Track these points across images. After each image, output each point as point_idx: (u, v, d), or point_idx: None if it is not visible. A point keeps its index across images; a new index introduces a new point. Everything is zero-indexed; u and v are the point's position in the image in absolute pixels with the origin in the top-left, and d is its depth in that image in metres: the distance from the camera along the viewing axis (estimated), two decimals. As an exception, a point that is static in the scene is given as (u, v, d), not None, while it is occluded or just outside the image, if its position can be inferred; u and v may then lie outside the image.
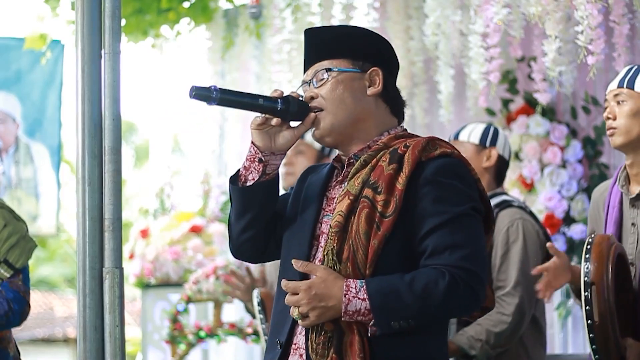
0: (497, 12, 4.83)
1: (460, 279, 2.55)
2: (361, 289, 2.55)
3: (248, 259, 2.96)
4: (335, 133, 2.75)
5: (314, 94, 2.76)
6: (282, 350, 2.68)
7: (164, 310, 6.57)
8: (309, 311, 2.57)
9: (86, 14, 2.73)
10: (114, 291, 2.68)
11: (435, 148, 2.69)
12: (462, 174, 2.67)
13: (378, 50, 2.83)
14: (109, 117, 2.72)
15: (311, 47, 2.81)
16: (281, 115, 2.71)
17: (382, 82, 2.78)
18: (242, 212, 2.77)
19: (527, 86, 5.71)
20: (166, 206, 7.05)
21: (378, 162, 2.68)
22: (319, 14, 6.02)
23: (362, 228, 2.59)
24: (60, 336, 18.82)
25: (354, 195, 2.63)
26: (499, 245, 3.98)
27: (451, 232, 2.58)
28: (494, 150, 4.13)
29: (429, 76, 5.91)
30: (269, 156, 2.75)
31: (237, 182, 2.77)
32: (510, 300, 3.95)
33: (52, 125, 7.31)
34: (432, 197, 2.60)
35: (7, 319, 3.73)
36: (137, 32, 6.44)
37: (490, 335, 3.93)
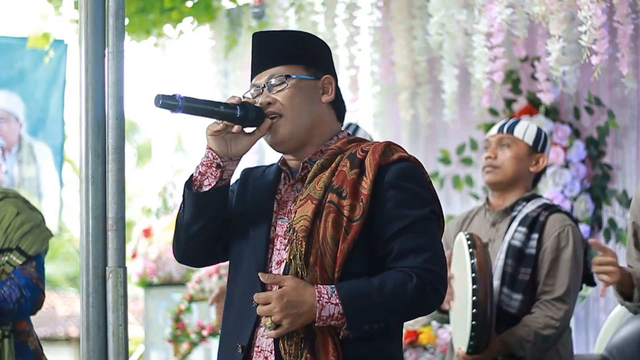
0: (501, 12, 4.83)
1: (427, 280, 2.62)
2: (332, 294, 2.59)
3: (193, 264, 2.98)
4: (293, 140, 2.77)
5: (271, 100, 2.76)
6: (244, 353, 2.69)
7: (166, 309, 6.58)
8: (282, 319, 2.59)
9: (90, 12, 2.73)
10: (117, 290, 2.68)
11: (392, 152, 2.73)
12: (419, 177, 2.73)
13: (328, 58, 2.87)
14: (113, 116, 2.71)
15: (264, 51, 2.81)
16: (239, 121, 2.72)
17: (334, 89, 2.82)
18: (196, 218, 2.77)
19: (531, 86, 5.70)
20: (169, 205, 7.05)
21: (337, 166, 2.72)
22: (322, 13, 6.02)
23: (330, 233, 2.63)
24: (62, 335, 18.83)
25: (318, 200, 2.66)
26: (548, 250, 3.98)
27: (414, 235, 2.65)
28: (543, 158, 4.14)
29: (433, 76, 5.90)
30: (227, 162, 2.75)
31: (192, 187, 2.77)
32: (561, 306, 3.95)
33: (55, 125, 7.31)
34: (395, 201, 2.66)
35: (19, 306, 3.73)
36: (140, 31, 6.44)
37: (537, 338, 3.92)
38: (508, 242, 4.01)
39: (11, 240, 3.79)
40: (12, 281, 3.75)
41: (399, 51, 5.88)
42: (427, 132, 6.21)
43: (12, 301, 3.72)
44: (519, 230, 4.02)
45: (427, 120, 6.03)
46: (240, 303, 2.74)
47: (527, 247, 4.00)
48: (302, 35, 2.90)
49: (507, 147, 4.11)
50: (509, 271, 3.99)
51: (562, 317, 3.95)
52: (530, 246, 4.00)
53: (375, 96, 6.05)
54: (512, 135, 4.11)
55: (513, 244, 4.00)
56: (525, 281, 3.98)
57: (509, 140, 4.11)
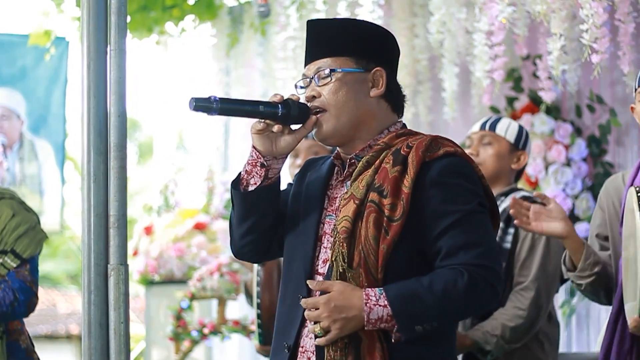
0: (502, 10, 4.83)
1: (479, 276, 2.54)
2: (381, 296, 2.53)
3: (250, 260, 2.94)
4: (338, 135, 2.72)
5: (316, 93, 2.72)
6: (290, 353, 2.66)
7: (167, 307, 6.57)
8: (331, 324, 2.54)
9: (92, 10, 2.73)
10: (119, 288, 2.68)
11: (439, 147, 2.66)
12: (467, 172, 2.66)
13: (382, 48, 2.79)
14: (115, 114, 2.71)
15: (314, 42, 2.76)
16: (282, 120, 2.69)
17: (385, 82, 2.75)
18: (245, 217, 2.75)
19: (532, 84, 5.71)
20: (170, 203, 7.05)
21: (381, 163, 2.66)
22: (324, 11, 6.02)
23: (371, 233, 2.57)
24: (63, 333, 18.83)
25: (360, 199, 2.61)
26: (525, 241, 3.99)
27: (463, 231, 2.57)
28: (524, 155, 4.16)
29: (434, 74, 5.90)
30: (271, 160, 2.72)
31: (239, 186, 2.75)
32: (527, 294, 3.95)
33: (56, 122, 7.31)
34: (440, 198, 2.59)
35: (12, 309, 3.73)
36: (142, 29, 6.44)
37: (505, 330, 3.93)
38: None
39: (6, 242, 3.78)
40: (6, 284, 3.75)
41: (400, 49, 5.87)
42: (428, 130, 6.21)
43: (6, 304, 3.72)
44: None
45: (427, 119, 6.03)
46: (290, 302, 2.70)
47: (504, 242, 4.00)
48: (357, 24, 2.84)
49: (489, 144, 4.13)
50: None
51: (529, 305, 3.93)
52: (506, 240, 4.00)
53: (377, 94, 6.05)
54: (494, 132, 4.14)
55: None
56: None
57: (490, 138, 4.14)
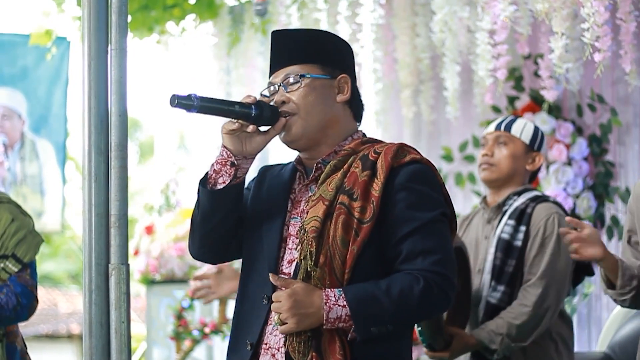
0: (504, 9, 4.83)
1: (434, 282, 2.64)
2: (340, 297, 2.61)
3: (208, 260, 2.98)
4: (305, 138, 2.79)
5: (285, 98, 2.79)
6: (252, 351, 2.71)
7: (168, 306, 6.58)
8: (289, 318, 2.61)
9: (93, 10, 2.73)
10: (119, 287, 2.68)
11: (405, 154, 2.74)
12: (431, 179, 2.74)
13: (345, 57, 2.88)
14: (115, 113, 2.71)
15: (281, 50, 2.84)
16: (254, 120, 2.75)
17: (350, 89, 2.83)
18: (210, 215, 2.80)
19: (534, 83, 5.70)
20: (171, 202, 7.05)
21: (350, 167, 2.73)
22: (324, 10, 6.02)
23: (339, 234, 2.65)
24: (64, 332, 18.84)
25: (329, 201, 2.68)
26: (536, 238, 3.99)
27: (423, 238, 2.67)
28: (539, 157, 4.16)
29: (436, 73, 5.90)
30: (241, 160, 2.78)
31: (206, 184, 2.80)
32: (533, 290, 3.94)
33: (57, 122, 7.31)
34: (405, 203, 2.68)
35: (15, 313, 3.75)
36: (143, 28, 6.44)
37: (511, 329, 3.92)
38: (498, 236, 4.03)
39: (7, 247, 3.79)
40: (9, 289, 3.76)
41: (402, 48, 5.88)
42: (430, 129, 6.21)
43: (9, 309, 3.73)
44: (508, 223, 4.04)
45: (429, 118, 6.02)
46: (252, 301, 2.76)
47: (515, 240, 4.01)
48: (320, 34, 2.93)
49: (504, 145, 4.12)
50: (498, 264, 4.01)
51: (534, 302, 3.93)
52: (517, 238, 4.01)
53: (378, 93, 6.05)
54: (509, 133, 4.12)
55: (502, 237, 4.03)
56: (509, 273, 3.99)
57: (505, 138, 4.13)
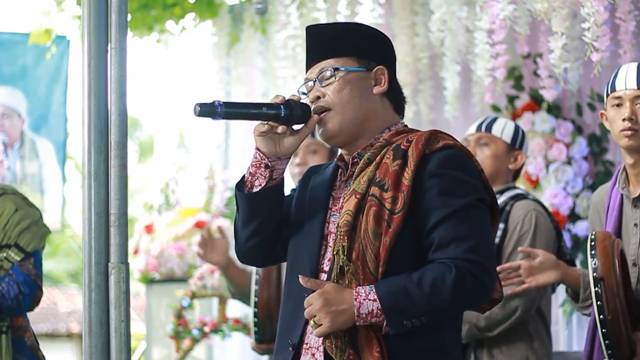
0: (503, 9, 4.83)
1: (467, 271, 2.56)
2: (371, 292, 2.56)
3: (254, 263, 2.97)
4: (344, 133, 2.74)
5: (320, 94, 2.75)
6: (294, 351, 2.69)
7: (168, 305, 6.58)
8: (322, 318, 2.57)
9: (92, 9, 2.73)
10: (119, 286, 2.68)
11: (438, 140, 2.69)
12: (466, 164, 2.68)
13: (382, 48, 2.82)
14: (115, 112, 2.72)
15: (316, 45, 2.79)
16: (285, 120, 2.71)
17: (388, 80, 2.78)
18: (250, 219, 2.77)
19: (533, 83, 5.70)
20: (171, 201, 7.05)
21: (382, 159, 2.68)
22: (324, 9, 6.01)
23: (371, 227, 2.60)
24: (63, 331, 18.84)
25: (361, 194, 2.64)
26: (512, 235, 4.02)
27: (456, 224, 2.59)
28: (521, 155, 4.18)
29: (435, 72, 5.90)
30: (275, 161, 2.74)
31: (243, 188, 2.77)
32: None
33: (57, 121, 7.31)
34: (437, 190, 2.61)
35: (17, 303, 3.74)
36: (143, 27, 6.44)
37: (480, 319, 3.96)
38: None
39: (9, 236, 3.79)
40: (11, 277, 3.76)
41: (401, 48, 5.87)
42: (429, 128, 6.20)
43: (11, 297, 3.73)
44: None
45: (428, 117, 6.02)
46: (294, 301, 2.72)
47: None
48: (355, 27, 2.89)
49: (486, 145, 4.15)
50: None
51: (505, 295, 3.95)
52: (496, 236, 4.02)
53: (377, 93, 6.04)
54: (490, 133, 4.15)
55: None
56: None
57: (487, 139, 4.16)
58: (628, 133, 3.46)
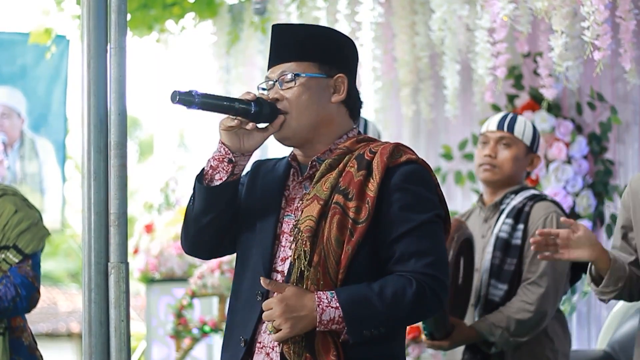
0: (504, 8, 4.82)
1: (427, 285, 2.63)
2: (332, 299, 2.61)
3: (201, 256, 2.98)
4: (297, 137, 2.78)
5: (279, 96, 2.77)
6: (246, 348, 2.71)
7: (168, 305, 6.58)
8: (282, 323, 2.60)
9: (92, 8, 2.73)
10: (119, 286, 2.68)
11: (401, 154, 2.73)
12: (427, 180, 2.73)
13: (344, 54, 2.85)
14: (115, 112, 2.71)
15: (280, 45, 2.81)
16: (253, 117, 2.73)
17: (347, 89, 2.80)
18: (206, 211, 2.78)
19: (533, 82, 5.70)
20: (171, 201, 7.05)
21: (345, 167, 2.72)
22: (324, 8, 6.01)
23: (334, 234, 2.64)
24: (63, 331, 18.85)
25: (324, 200, 2.67)
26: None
27: (417, 239, 2.66)
28: (537, 158, 4.18)
29: (435, 71, 5.90)
30: (239, 157, 2.77)
31: (203, 180, 2.78)
32: (535, 289, 3.96)
33: (57, 121, 7.31)
34: (401, 204, 2.67)
35: (14, 304, 3.74)
36: (142, 27, 6.44)
37: (511, 323, 3.94)
38: (496, 234, 4.04)
39: (8, 238, 3.79)
40: (8, 279, 3.75)
41: (401, 47, 5.87)
42: (429, 127, 6.21)
43: (8, 299, 3.72)
44: (505, 222, 4.04)
45: (429, 116, 6.02)
46: (246, 297, 2.76)
47: (513, 238, 4.02)
48: (321, 31, 2.89)
49: (507, 146, 4.12)
50: (496, 263, 4.03)
51: (536, 300, 3.95)
52: (515, 237, 4.02)
53: (377, 92, 6.05)
54: (513, 134, 4.12)
55: (500, 236, 4.03)
56: (510, 271, 4.01)
57: (509, 140, 4.12)
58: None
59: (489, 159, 4.11)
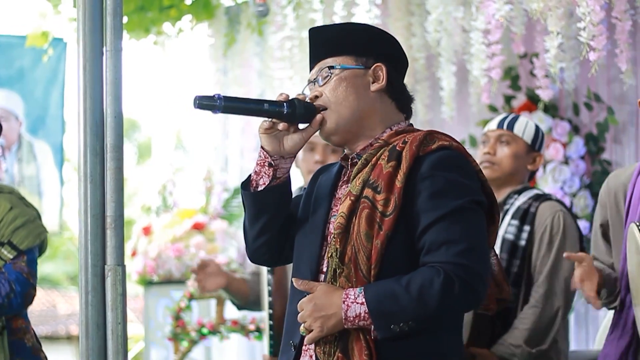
0: (499, 9, 4.83)
1: (456, 275, 2.51)
2: (359, 295, 2.55)
3: (265, 263, 2.96)
4: (341, 131, 2.73)
5: (318, 93, 2.74)
6: (295, 352, 2.69)
7: (166, 307, 6.57)
8: (312, 323, 2.58)
9: (88, 11, 2.74)
10: (116, 289, 2.68)
11: (434, 141, 2.66)
12: (462, 165, 2.65)
13: (382, 46, 2.80)
14: (111, 115, 2.72)
15: (315, 46, 2.79)
16: (288, 118, 2.70)
17: (386, 77, 2.75)
18: (256, 217, 2.77)
19: (529, 82, 5.71)
20: (168, 203, 7.05)
21: (378, 160, 2.66)
22: (320, 10, 6.02)
23: (363, 229, 2.58)
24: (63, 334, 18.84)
25: (355, 196, 2.62)
26: (543, 237, 3.98)
27: (447, 227, 2.54)
28: (540, 157, 4.15)
29: (431, 73, 5.90)
30: (279, 160, 2.74)
31: (249, 187, 2.76)
32: (540, 290, 3.94)
33: (54, 123, 7.31)
34: (429, 192, 2.57)
35: (9, 301, 3.73)
36: (139, 29, 6.44)
37: (525, 334, 3.91)
38: (502, 236, 4.02)
39: (3, 234, 3.78)
40: (2, 275, 3.75)
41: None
42: (426, 128, 6.20)
43: (2, 296, 3.71)
44: (511, 223, 4.02)
45: (425, 117, 6.02)
46: (298, 301, 2.70)
47: (519, 239, 4.00)
48: (355, 26, 2.88)
49: (507, 144, 4.11)
50: (504, 265, 3.98)
51: (542, 302, 3.93)
52: (522, 238, 4.00)
53: (374, 93, 6.04)
54: (512, 132, 4.11)
55: (506, 237, 4.01)
56: (514, 273, 3.97)
57: (508, 137, 4.11)
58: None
59: (488, 157, 4.10)
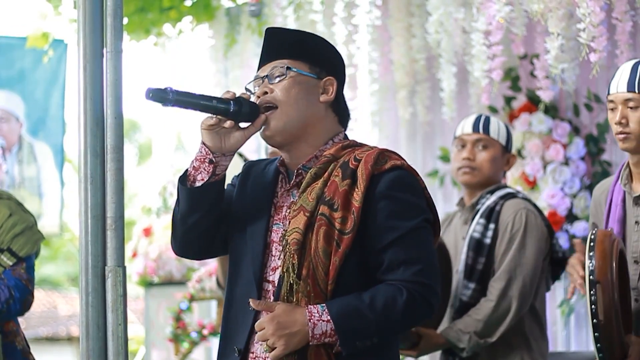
0: (500, 10, 4.83)
1: (417, 293, 2.63)
2: (323, 312, 2.60)
3: (192, 257, 2.98)
4: (286, 133, 2.75)
5: (268, 89, 2.76)
6: (240, 357, 2.71)
7: (167, 308, 6.58)
8: (276, 341, 2.60)
9: (88, 12, 2.74)
10: (116, 290, 2.69)
11: (386, 161, 2.71)
12: (413, 185, 2.72)
13: (335, 64, 2.85)
14: (111, 116, 2.72)
15: (271, 45, 2.82)
16: (233, 116, 2.72)
17: (335, 92, 2.80)
18: (190, 212, 2.78)
19: (530, 83, 5.70)
20: (169, 204, 7.05)
21: (330, 176, 2.70)
22: (321, 11, 6.01)
23: (321, 246, 2.63)
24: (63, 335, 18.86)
25: (310, 212, 2.66)
26: (505, 234, 4.05)
27: (406, 247, 2.65)
28: (513, 158, 4.24)
29: (431, 74, 5.90)
30: (220, 157, 2.75)
31: (186, 182, 2.78)
32: (496, 284, 4.03)
33: (55, 124, 7.31)
34: (387, 212, 2.66)
35: (7, 307, 3.74)
36: (140, 31, 6.45)
37: (477, 325, 3.99)
38: (470, 234, 4.08)
39: (2, 241, 3.79)
40: (2, 282, 3.76)
41: (398, 49, 5.88)
42: (426, 130, 6.21)
43: (1, 302, 3.73)
44: (479, 222, 4.10)
45: (425, 118, 6.03)
46: (239, 306, 2.75)
47: (485, 237, 4.08)
48: (313, 37, 2.89)
49: (485, 148, 4.16)
50: (470, 263, 4.08)
51: (497, 296, 3.99)
52: (487, 236, 4.07)
53: (374, 94, 6.05)
54: (489, 135, 4.16)
55: (473, 236, 4.09)
56: (479, 270, 4.04)
57: (486, 141, 4.17)
58: (621, 137, 3.49)
59: (468, 162, 4.15)
